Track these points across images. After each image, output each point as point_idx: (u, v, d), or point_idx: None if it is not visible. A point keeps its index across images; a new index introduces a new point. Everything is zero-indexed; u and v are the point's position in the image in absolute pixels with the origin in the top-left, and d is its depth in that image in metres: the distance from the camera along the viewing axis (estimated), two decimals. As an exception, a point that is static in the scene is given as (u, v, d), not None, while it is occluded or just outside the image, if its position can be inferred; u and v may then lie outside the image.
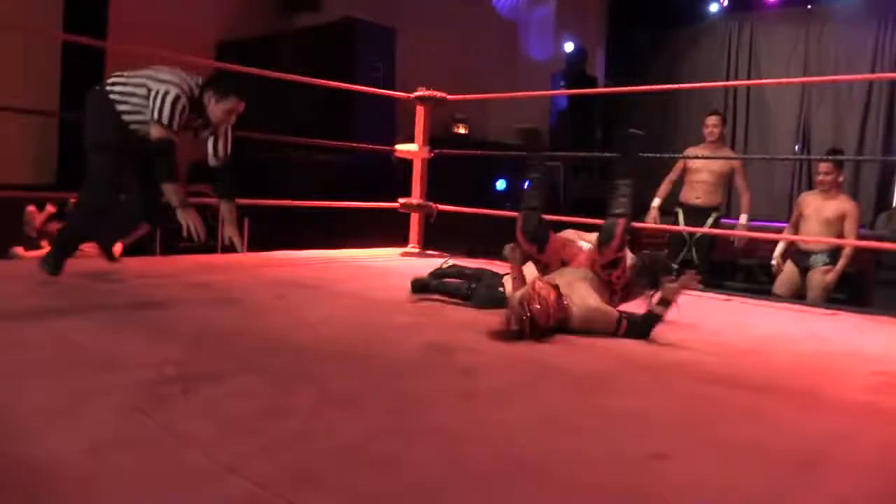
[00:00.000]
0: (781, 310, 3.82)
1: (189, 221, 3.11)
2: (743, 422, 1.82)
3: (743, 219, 5.40)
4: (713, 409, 1.92)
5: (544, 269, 2.98)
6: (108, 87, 3.18)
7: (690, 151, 5.64)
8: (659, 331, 2.73)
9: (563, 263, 2.94)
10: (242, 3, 9.47)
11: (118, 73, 3.24)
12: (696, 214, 5.51)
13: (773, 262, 5.36)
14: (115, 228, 3.54)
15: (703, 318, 3.32)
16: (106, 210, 3.23)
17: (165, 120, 3.07)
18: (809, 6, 9.71)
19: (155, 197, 3.28)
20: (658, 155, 5.26)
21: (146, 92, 3.10)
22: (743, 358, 2.57)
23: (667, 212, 5.75)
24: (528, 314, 2.51)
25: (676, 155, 5.82)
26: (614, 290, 2.87)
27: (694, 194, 5.53)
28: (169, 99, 3.07)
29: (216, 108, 3.21)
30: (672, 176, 5.65)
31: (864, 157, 9.15)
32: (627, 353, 2.51)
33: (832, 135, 9.33)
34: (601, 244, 2.84)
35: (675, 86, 5.79)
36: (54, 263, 3.14)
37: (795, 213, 5.36)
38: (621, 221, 2.85)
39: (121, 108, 3.14)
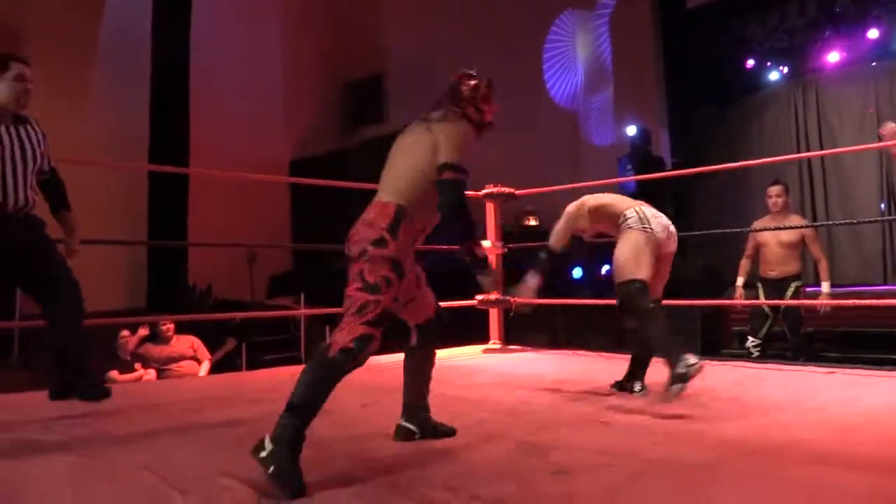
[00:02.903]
0: (890, 378, 3.57)
1: None
2: (871, 507, 1.68)
3: (825, 287, 5.19)
4: (839, 495, 1.78)
5: None
6: None
7: (758, 224, 5.53)
8: (763, 410, 2.58)
9: None
10: (311, 124, 9.97)
11: None
12: (775, 286, 5.36)
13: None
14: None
15: (806, 393, 3.13)
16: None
17: None
18: (874, 63, 9.52)
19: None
20: (728, 230, 5.29)
21: None
22: (857, 434, 2.40)
23: (752, 285, 5.60)
24: None
25: (743, 229, 5.67)
26: None
27: (769, 267, 5.41)
28: None
29: (4, 86, 2.85)
30: (748, 252, 5.57)
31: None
32: (731, 438, 2.37)
33: (918, 189, 8.96)
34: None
35: (739, 164, 5.61)
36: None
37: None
38: None
39: None
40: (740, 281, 5.47)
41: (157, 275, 7.75)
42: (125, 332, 6.06)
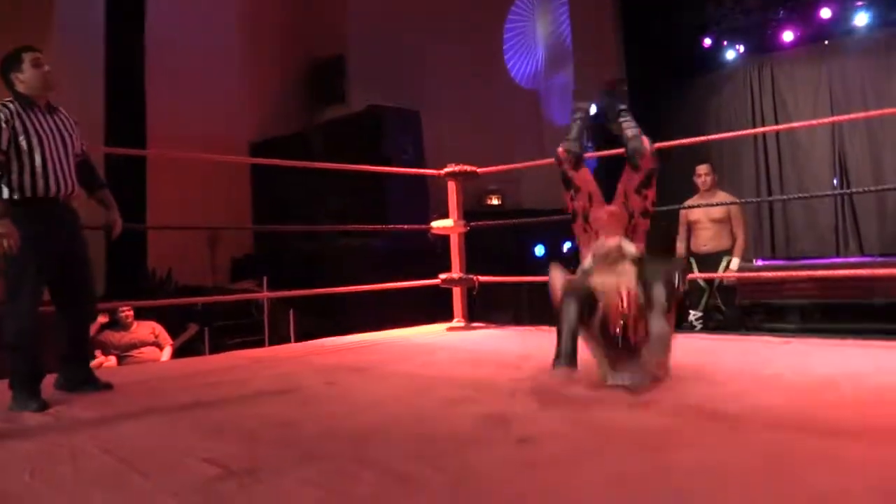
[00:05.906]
0: (842, 346, 3.68)
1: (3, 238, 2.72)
2: (821, 467, 1.73)
3: (733, 263, 5.44)
4: (788, 456, 1.84)
5: (576, 191, 3.13)
6: None
7: (689, 203, 5.67)
8: (719, 379, 2.64)
9: (590, 198, 3.09)
10: (272, 104, 9.83)
11: None
12: (708, 261, 5.56)
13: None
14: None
15: (762, 362, 3.22)
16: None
17: None
18: (826, 41, 9.70)
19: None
20: (676, 207, 5.58)
21: None
22: (809, 398, 2.47)
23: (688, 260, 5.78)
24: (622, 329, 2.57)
25: (679, 206, 5.74)
26: (647, 211, 3.07)
27: (701, 242, 5.64)
28: None
29: (27, 75, 2.93)
30: (681, 234, 5.73)
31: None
32: (690, 404, 2.43)
33: (870, 164, 9.17)
34: (634, 165, 3.05)
35: (697, 139, 5.70)
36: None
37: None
38: (643, 137, 3.10)
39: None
40: None
41: (115, 260, 7.61)
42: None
